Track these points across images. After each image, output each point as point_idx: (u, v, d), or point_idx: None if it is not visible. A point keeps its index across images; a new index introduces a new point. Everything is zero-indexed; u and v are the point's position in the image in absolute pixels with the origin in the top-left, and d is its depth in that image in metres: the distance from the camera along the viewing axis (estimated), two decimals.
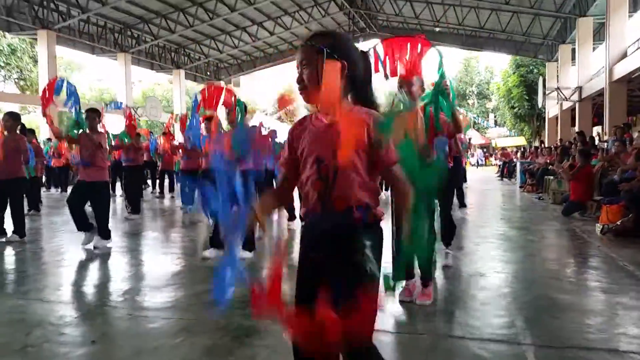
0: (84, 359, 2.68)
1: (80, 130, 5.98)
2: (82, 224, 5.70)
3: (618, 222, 6.25)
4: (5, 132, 6.29)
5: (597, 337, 2.88)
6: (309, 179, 1.65)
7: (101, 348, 2.83)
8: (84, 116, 5.99)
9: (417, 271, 3.63)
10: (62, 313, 3.47)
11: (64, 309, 3.57)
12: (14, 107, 37.67)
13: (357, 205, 1.60)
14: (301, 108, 1.90)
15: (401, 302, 3.52)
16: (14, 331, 3.09)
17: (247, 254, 4.94)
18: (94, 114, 6.01)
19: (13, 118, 6.38)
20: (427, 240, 3.38)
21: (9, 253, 5.58)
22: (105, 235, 5.80)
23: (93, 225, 5.75)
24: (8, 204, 6.24)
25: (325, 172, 1.61)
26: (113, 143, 9.05)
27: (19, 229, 6.24)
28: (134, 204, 8.63)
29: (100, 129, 6.21)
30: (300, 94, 1.70)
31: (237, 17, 23.04)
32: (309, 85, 1.64)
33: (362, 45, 1.93)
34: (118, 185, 12.66)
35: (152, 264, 5.02)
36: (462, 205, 8.91)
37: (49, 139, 15.01)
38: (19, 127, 6.53)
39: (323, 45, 1.60)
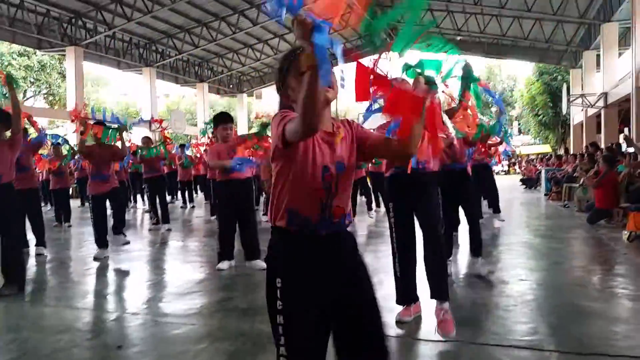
0: None
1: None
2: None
3: None
4: None
5: (623, 345, 2.83)
6: (310, 187, 1.56)
7: (127, 353, 2.89)
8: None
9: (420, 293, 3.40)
10: (89, 319, 3.58)
11: (91, 316, 3.67)
12: (43, 121, 38.75)
13: (347, 213, 1.67)
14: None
15: (399, 322, 3.23)
16: (43, 336, 3.18)
17: (262, 264, 4.84)
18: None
19: None
20: (440, 257, 3.31)
21: (38, 263, 5.73)
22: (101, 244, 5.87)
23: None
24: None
25: (329, 181, 1.57)
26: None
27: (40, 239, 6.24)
28: (162, 214, 8.54)
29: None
30: None
31: (259, 31, 23.33)
32: None
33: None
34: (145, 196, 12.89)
35: (175, 272, 5.10)
36: (496, 211, 8.22)
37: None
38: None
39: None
